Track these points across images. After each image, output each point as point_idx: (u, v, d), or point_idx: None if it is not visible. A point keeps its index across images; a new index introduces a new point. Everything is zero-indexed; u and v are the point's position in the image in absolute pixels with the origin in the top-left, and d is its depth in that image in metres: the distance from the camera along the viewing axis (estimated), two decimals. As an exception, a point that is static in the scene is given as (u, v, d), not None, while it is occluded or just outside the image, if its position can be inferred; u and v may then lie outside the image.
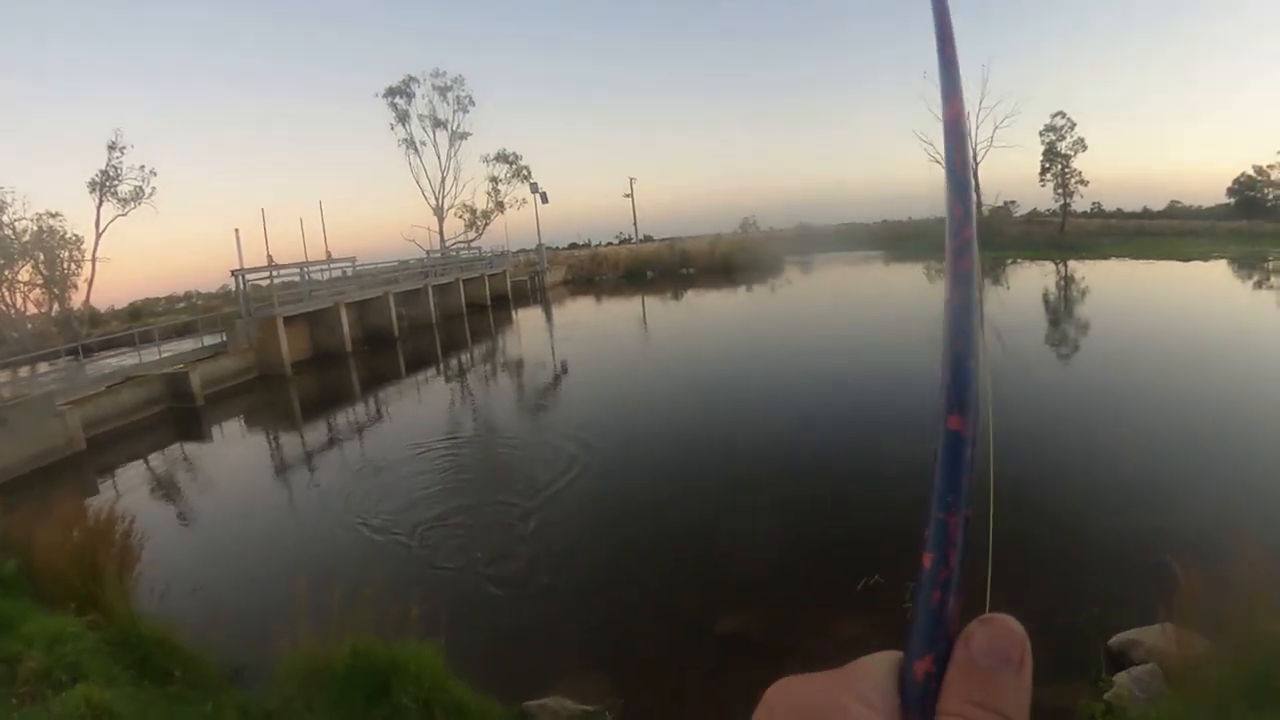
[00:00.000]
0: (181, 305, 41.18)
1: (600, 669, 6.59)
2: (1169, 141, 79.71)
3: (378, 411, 18.40)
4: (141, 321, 22.56)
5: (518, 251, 48.94)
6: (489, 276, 38.59)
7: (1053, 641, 6.21)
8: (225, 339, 22.37)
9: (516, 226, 66.46)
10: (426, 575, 8.57)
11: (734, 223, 60.68)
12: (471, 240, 48.54)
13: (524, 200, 49.74)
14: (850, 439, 12.56)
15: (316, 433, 16.19)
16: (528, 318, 36.38)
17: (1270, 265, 31.99)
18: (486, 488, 11.38)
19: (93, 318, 34.15)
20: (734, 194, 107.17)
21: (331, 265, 31.31)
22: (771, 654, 6.71)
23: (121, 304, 41.31)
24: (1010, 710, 0.34)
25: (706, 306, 36.13)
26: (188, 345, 21.90)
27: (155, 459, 14.32)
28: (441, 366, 24.97)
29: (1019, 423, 12.18)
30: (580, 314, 37.38)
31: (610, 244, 60.18)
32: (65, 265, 33.18)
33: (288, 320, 22.58)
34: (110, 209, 32.80)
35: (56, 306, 33.09)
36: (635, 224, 61.60)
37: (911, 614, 0.36)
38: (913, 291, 31.74)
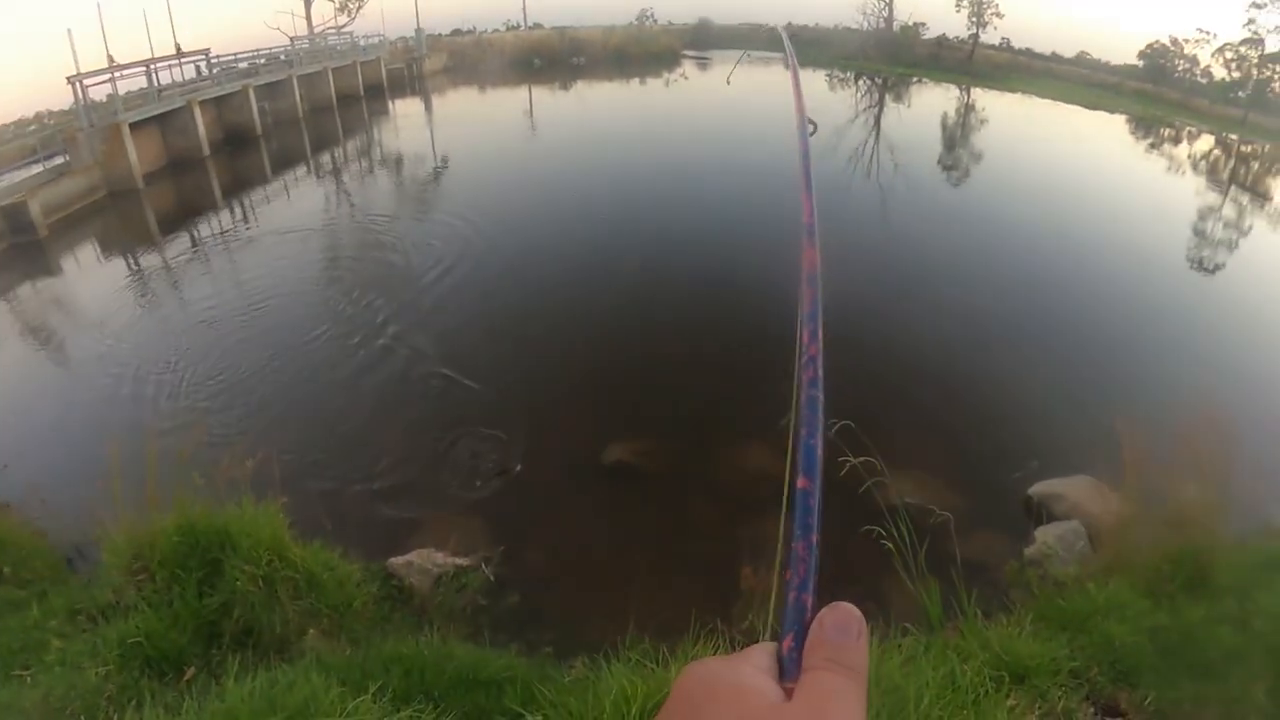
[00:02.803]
0: (32, 128, 35.36)
1: (471, 513, 5.92)
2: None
3: (244, 218, 16.62)
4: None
5: (396, 40, 43.48)
6: (361, 64, 34.21)
7: (972, 485, 6.00)
8: (68, 158, 19.27)
9: (394, 13, 58.43)
10: (270, 410, 7.80)
11: (630, 16, 55.34)
12: (343, 26, 42.60)
13: (403, -19, 43.30)
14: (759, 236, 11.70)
15: (176, 248, 14.49)
16: (405, 108, 33.04)
17: (1165, 133, 32.62)
18: (352, 302, 10.44)
19: (-71, 161, 28.96)
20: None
21: (182, 60, 27.02)
22: (664, 491, 6.10)
23: (-36, 139, 35.08)
24: (852, 664, 0.46)
25: (596, 98, 33.60)
26: (36, 172, 18.59)
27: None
28: (311, 164, 22.54)
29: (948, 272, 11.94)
30: (461, 104, 34.28)
31: (497, 31, 53.97)
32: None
33: (134, 126, 19.25)
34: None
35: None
36: (524, 11, 55.05)
37: (780, 609, 0.49)
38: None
